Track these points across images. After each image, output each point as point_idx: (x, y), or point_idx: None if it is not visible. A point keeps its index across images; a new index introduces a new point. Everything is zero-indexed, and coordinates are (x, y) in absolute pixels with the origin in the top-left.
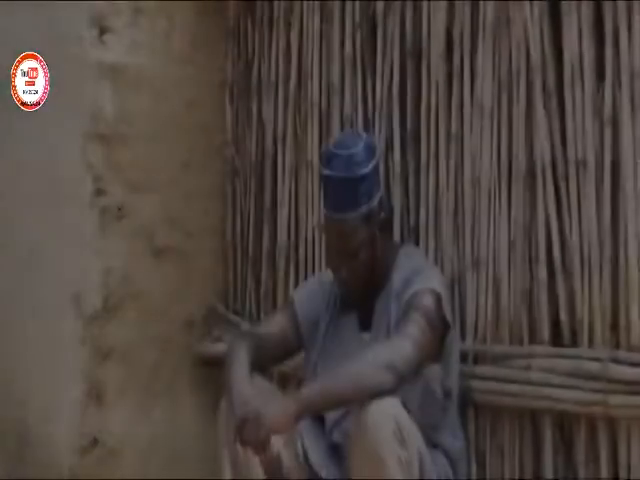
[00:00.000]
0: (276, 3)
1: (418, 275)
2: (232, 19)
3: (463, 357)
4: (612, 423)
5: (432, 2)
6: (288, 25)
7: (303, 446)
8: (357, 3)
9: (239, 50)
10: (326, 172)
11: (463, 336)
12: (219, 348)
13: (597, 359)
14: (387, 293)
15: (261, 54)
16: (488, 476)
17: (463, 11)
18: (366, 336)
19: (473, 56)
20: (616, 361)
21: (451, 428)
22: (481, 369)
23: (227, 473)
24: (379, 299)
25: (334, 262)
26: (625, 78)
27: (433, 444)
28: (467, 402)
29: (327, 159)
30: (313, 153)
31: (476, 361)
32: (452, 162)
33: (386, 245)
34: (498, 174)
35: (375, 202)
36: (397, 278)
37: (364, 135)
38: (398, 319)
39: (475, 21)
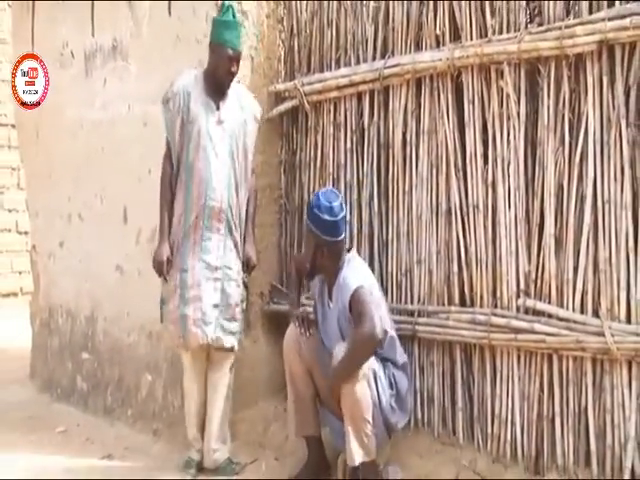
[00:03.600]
0: (309, 119)
1: (351, 272)
2: (284, 128)
3: (411, 313)
4: (493, 348)
5: (393, 120)
6: (316, 131)
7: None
8: (353, 120)
9: (288, 145)
10: (320, 212)
11: (412, 301)
12: (278, 308)
13: (484, 314)
14: (340, 281)
15: (301, 147)
16: (425, 381)
17: (412, 124)
18: (329, 302)
19: (417, 148)
20: (494, 315)
21: (399, 354)
22: (422, 319)
23: (287, 379)
24: (336, 282)
25: None
26: (499, 162)
27: (389, 362)
28: (414, 338)
29: (320, 205)
30: None
31: (419, 315)
32: (406, 205)
33: (335, 257)
34: (431, 212)
35: (325, 238)
36: (343, 274)
37: (340, 197)
38: (344, 298)
39: (418, 129)
